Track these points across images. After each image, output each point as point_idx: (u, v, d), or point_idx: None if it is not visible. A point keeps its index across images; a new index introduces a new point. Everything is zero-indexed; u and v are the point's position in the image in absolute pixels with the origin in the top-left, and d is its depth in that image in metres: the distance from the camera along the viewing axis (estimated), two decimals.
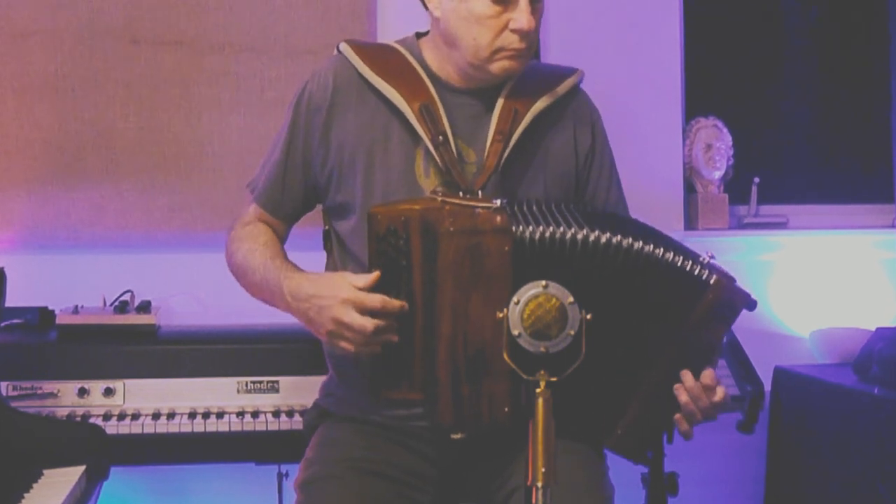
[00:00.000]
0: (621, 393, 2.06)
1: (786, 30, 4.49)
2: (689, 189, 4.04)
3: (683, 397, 2.04)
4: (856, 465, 3.40)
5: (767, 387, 3.57)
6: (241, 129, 3.62)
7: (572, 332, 1.91)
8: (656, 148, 3.93)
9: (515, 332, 1.91)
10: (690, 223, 3.99)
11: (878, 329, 3.64)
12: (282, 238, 2.40)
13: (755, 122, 4.36)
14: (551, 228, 1.98)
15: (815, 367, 3.85)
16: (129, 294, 3.35)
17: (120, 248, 3.57)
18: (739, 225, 4.10)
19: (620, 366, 2.04)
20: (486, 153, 2.20)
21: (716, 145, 3.99)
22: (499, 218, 1.98)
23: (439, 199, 2.03)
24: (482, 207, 2.01)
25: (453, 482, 2.28)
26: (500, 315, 1.91)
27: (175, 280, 3.56)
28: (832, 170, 4.45)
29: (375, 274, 2.02)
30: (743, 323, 3.70)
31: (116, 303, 3.29)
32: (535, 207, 2.07)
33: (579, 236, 1.97)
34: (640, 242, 1.99)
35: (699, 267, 2.02)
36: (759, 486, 3.91)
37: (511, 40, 2.15)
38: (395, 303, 2.01)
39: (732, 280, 2.07)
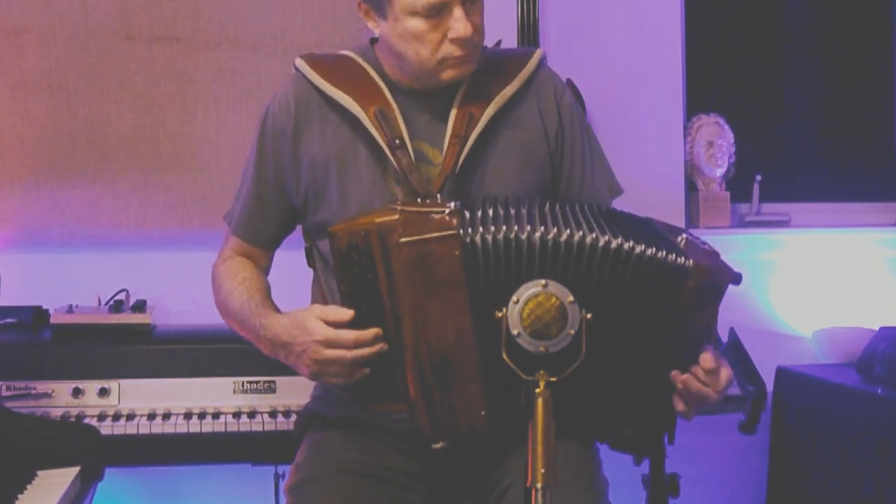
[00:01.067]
0: (618, 391, 2.05)
1: (788, 25, 4.49)
2: (691, 187, 4.04)
3: (693, 384, 2.03)
4: (859, 466, 3.41)
5: (770, 387, 3.57)
6: (237, 126, 3.62)
7: (572, 332, 1.91)
8: (657, 145, 3.93)
9: (515, 332, 1.91)
10: (692, 221, 3.99)
11: (881, 328, 3.64)
12: (264, 267, 2.41)
13: (757, 119, 4.37)
14: (504, 229, 1.96)
15: (817, 367, 3.85)
16: (124, 293, 3.35)
17: (115, 246, 3.57)
18: (741, 223, 4.10)
19: (615, 364, 2.03)
20: (443, 154, 2.20)
21: (717, 143, 3.99)
22: (452, 221, 1.98)
23: (398, 208, 2.03)
24: (437, 212, 2.01)
25: (445, 482, 2.28)
26: (500, 314, 1.91)
27: (171, 279, 3.56)
28: (835, 167, 4.45)
29: (350, 312, 2.03)
30: (745, 322, 3.73)
31: (111, 302, 3.30)
32: (493, 208, 2.05)
33: (536, 235, 1.95)
34: (598, 235, 1.97)
35: (674, 254, 1.98)
36: (762, 487, 3.91)
37: (452, 50, 2.13)
38: (367, 334, 2.02)
39: (714, 257, 2.05)
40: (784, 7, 4.47)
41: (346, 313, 2.03)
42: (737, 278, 2.03)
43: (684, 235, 2.07)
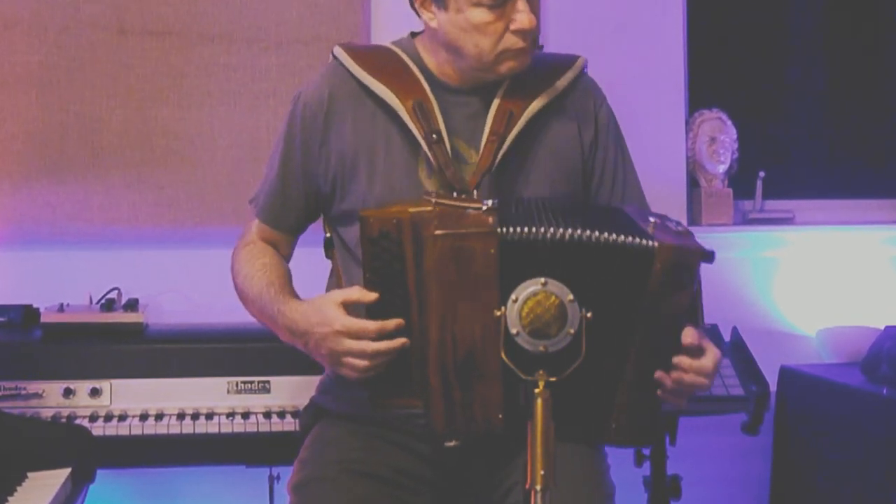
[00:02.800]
0: (608, 387, 2.04)
1: (792, 19, 4.49)
2: (693, 184, 4.04)
3: (675, 374, 2.03)
4: (864, 467, 3.41)
5: (773, 387, 3.56)
6: (232, 121, 3.61)
7: (572, 331, 1.91)
8: (658, 141, 3.92)
9: (514, 331, 1.91)
10: (694, 219, 3.99)
11: (886, 328, 3.64)
12: (285, 255, 2.44)
13: (760, 115, 4.36)
14: (536, 228, 1.96)
15: (821, 366, 3.85)
16: (115, 291, 3.35)
17: (106, 243, 3.57)
18: (744, 220, 4.10)
19: (607, 360, 2.02)
20: (480, 152, 2.22)
21: (720, 138, 3.98)
22: (487, 219, 1.97)
23: (433, 200, 2.03)
24: (473, 208, 2.00)
25: (450, 484, 2.29)
26: (498, 313, 1.91)
27: (163, 277, 3.55)
28: (840, 163, 4.45)
29: (373, 295, 2.03)
30: (748, 321, 3.74)
31: (103, 300, 3.29)
32: (528, 207, 2.07)
33: (567, 234, 1.95)
34: (571, 230, 1.97)
35: (638, 237, 1.97)
36: (765, 488, 3.91)
37: (514, 41, 2.16)
38: (390, 324, 2.03)
39: (685, 237, 2.03)
40: (788, 1, 4.47)
41: (370, 295, 2.03)
42: (708, 256, 2.01)
43: (653, 219, 2.05)
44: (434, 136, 2.18)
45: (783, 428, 3.82)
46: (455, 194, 2.11)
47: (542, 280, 1.92)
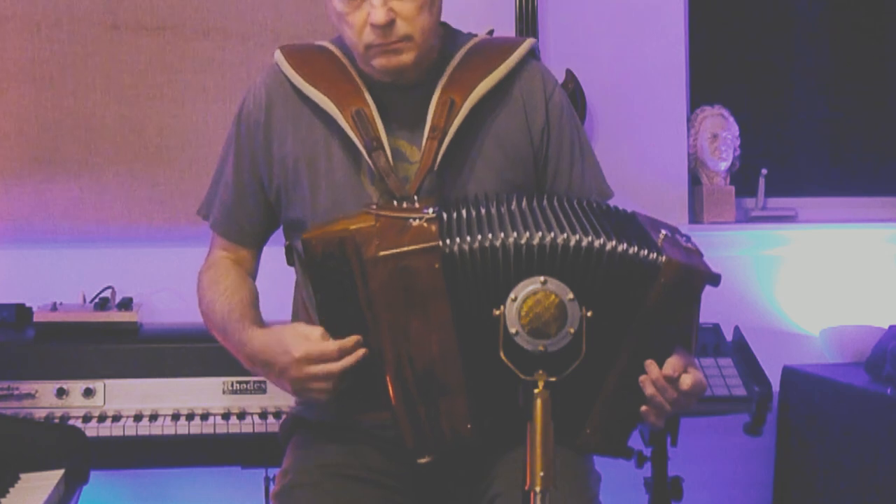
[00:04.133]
0: (588, 391, 2.03)
1: (795, 14, 4.49)
2: (694, 181, 4.04)
3: (649, 389, 2.00)
4: (869, 468, 3.41)
5: (776, 387, 3.57)
6: (227, 118, 3.60)
7: (572, 330, 1.91)
8: (660, 138, 3.93)
9: (513, 331, 1.91)
10: (695, 217, 3.99)
11: (891, 327, 3.65)
12: (249, 270, 2.39)
13: (763, 111, 4.37)
14: (479, 238, 1.94)
15: (825, 366, 3.86)
16: (109, 290, 3.35)
17: (100, 242, 3.57)
18: (746, 218, 4.10)
19: (600, 364, 2.01)
20: (421, 152, 2.17)
21: (722, 135, 3.99)
22: (430, 228, 1.95)
23: (374, 212, 2.01)
24: (415, 218, 1.98)
25: (434, 488, 2.28)
26: (497, 312, 1.91)
27: (158, 275, 3.56)
28: (843, 161, 4.46)
29: (354, 338, 2.01)
30: (750, 321, 3.73)
31: (97, 299, 3.30)
32: (471, 210, 2.04)
33: (510, 241, 1.93)
34: (569, 235, 1.95)
35: (647, 250, 1.96)
36: (767, 490, 3.92)
37: (371, 37, 2.10)
38: (349, 341, 2.01)
39: (694, 256, 2.02)
40: None
41: (330, 344, 2.01)
42: (714, 279, 1.99)
43: (665, 232, 2.03)
44: (374, 142, 2.14)
45: (786, 429, 3.83)
46: (395, 203, 2.07)
47: (542, 279, 1.92)
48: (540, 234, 1.94)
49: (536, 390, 1.87)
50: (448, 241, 1.94)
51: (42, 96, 3.55)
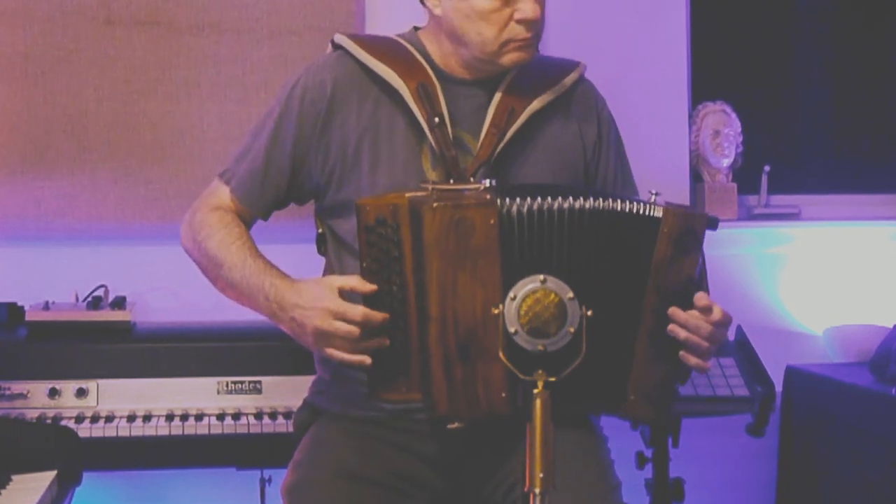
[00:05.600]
0: (620, 361, 2.07)
1: (798, 9, 4.49)
2: (696, 178, 4.04)
3: (682, 334, 2.05)
4: (872, 469, 3.41)
5: (779, 387, 3.57)
6: (222, 114, 3.61)
7: (572, 330, 1.92)
8: (661, 134, 3.93)
9: (512, 330, 1.91)
10: None
11: (895, 326, 3.65)
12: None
13: (766, 107, 4.37)
14: (538, 200, 2.01)
15: (829, 366, 3.86)
16: (102, 289, 3.35)
17: (93, 240, 3.57)
18: (749, 216, 4.11)
19: (616, 339, 2.04)
20: (479, 143, 2.24)
21: (724, 131, 3.99)
22: (485, 195, 2.00)
23: (430, 187, 2.05)
24: (470, 189, 2.04)
25: (449, 484, 2.29)
26: (496, 311, 1.92)
27: (151, 274, 3.56)
28: (847, 157, 4.45)
29: (372, 286, 2.04)
30: (753, 320, 3.73)
31: (89, 298, 3.30)
32: (527, 187, 2.12)
33: (565, 205, 2.02)
34: (604, 201, 2.05)
35: (644, 206, 2.07)
36: (770, 492, 3.92)
37: (518, 31, 2.20)
38: (377, 316, 2.04)
39: (689, 208, 2.13)
40: None
41: (368, 285, 2.04)
42: (713, 222, 2.09)
43: (654, 192, 2.11)
44: (437, 119, 2.21)
45: (789, 430, 3.83)
46: (452, 181, 2.13)
47: (542, 277, 1.93)
48: (577, 201, 2.03)
49: (536, 390, 1.87)
50: (507, 200, 2.00)
51: (34, 92, 3.54)
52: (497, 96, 2.28)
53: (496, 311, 1.92)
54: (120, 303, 3.25)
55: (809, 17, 4.50)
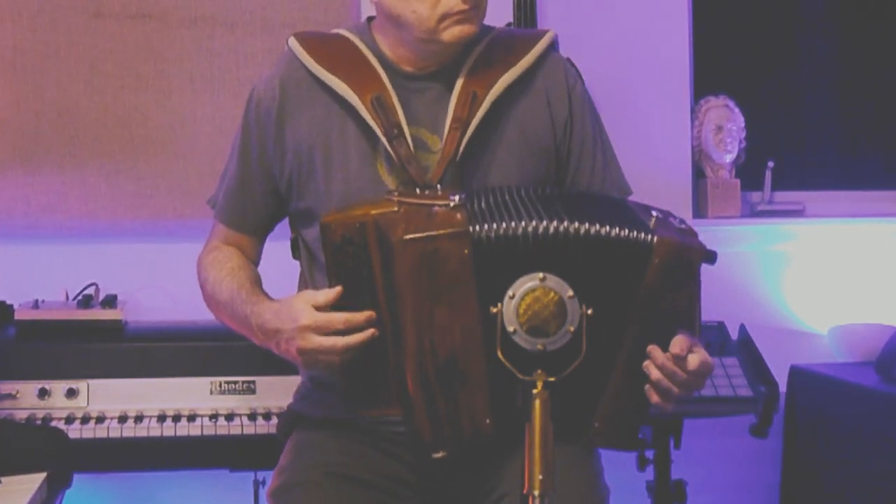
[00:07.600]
0: (594, 383, 2.02)
1: (802, 2, 4.49)
2: (698, 174, 4.04)
3: (654, 374, 1.99)
4: (878, 470, 3.41)
5: (782, 387, 3.57)
6: (214, 108, 3.61)
7: (572, 329, 1.91)
8: (663, 130, 3.93)
9: (510, 329, 1.91)
10: (699, 211, 3.99)
11: None
12: (252, 258, 2.42)
13: (769, 102, 4.37)
14: (504, 225, 1.95)
15: (833, 366, 3.86)
16: (93, 287, 3.35)
17: (83, 237, 3.57)
18: (752, 213, 4.11)
19: (602, 359, 2.00)
20: (443, 142, 2.20)
21: (727, 127, 3.99)
22: (456, 216, 1.96)
23: (395, 199, 2.01)
24: (439, 205, 2.00)
25: (437, 490, 2.28)
26: (494, 310, 1.91)
27: (143, 272, 3.56)
28: (852, 153, 4.45)
29: (337, 289, 2.02)
30: (756, 319, 3.74)
31: (80, 297, 3.30)
32: (495, 198, 2.05)
33: (540, 229, 1.95)
34: (572, 223, 1.96)
35: (637, 231, 1.97)
36: (774, 493, 3.92)
37: (453, 4, 2.12)
38: (359, 316, 2.01)
39: (687, 235, 2.02)
40: None
41: (335, 292, 2.02)
42: (710, 256, 2.00)
43: (656, 214, 2.05)
44: (395, 130, 2.16)
45: (793, 430, 3.83)
46: (418, 190, 2.09)
47: (541, 275, 1.92)
48: (555, 222, 1.95)
49: (535, 390, 1.87)
50: (477, 228, 1.95)
51: (23, 86, 3.54)
52: (458, 83, 2.22)
53: (495, 310, 1.91)
54: (111, 301, 3.25)
55: (814, 9, 4.50)
